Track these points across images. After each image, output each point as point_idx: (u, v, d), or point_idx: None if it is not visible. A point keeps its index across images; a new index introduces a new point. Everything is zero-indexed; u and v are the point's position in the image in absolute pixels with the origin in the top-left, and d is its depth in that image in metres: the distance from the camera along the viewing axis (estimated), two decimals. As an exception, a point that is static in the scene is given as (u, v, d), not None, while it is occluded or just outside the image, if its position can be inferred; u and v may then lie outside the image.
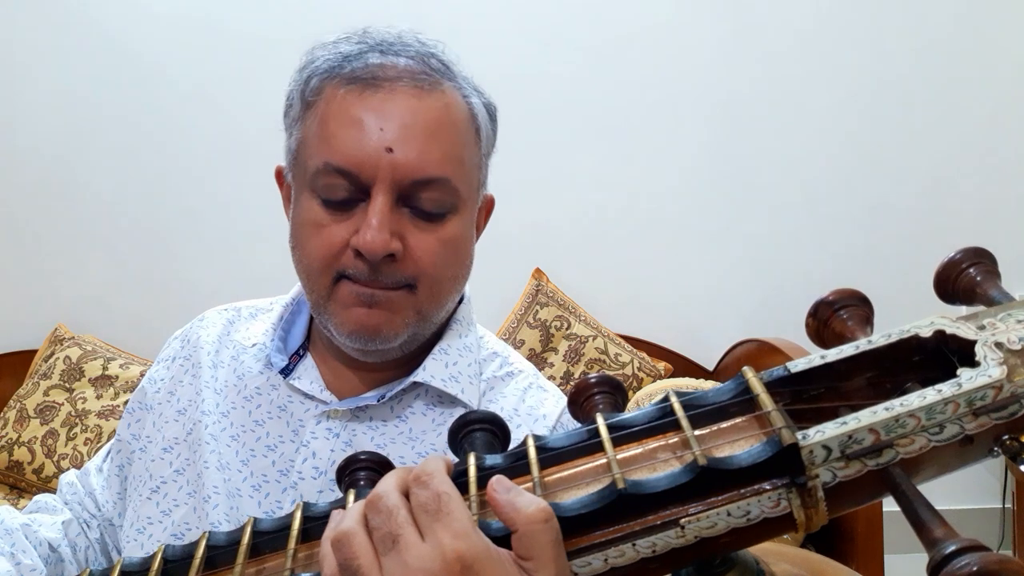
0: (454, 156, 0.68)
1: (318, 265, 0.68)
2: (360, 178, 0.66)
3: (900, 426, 0.32)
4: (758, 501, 0.33)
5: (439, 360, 0.75)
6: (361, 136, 0.65)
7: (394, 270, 0.67)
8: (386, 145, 0.65)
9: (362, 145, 0.65)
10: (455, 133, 0.68)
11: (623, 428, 0.37)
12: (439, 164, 0.66)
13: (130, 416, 0.82)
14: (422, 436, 0.73)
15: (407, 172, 0.65)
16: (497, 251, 2.29)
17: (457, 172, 0.68)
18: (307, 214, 0.69)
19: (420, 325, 0.71)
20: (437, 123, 0.67)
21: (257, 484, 0.72)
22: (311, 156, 0.68)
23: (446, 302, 0.73)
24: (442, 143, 0.67)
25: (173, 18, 2.23)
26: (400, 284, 0.68)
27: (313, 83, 0.70)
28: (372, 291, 0.67)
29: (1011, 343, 0.34)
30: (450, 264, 0.70)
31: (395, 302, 0.68)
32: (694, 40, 2.27)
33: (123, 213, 2.30)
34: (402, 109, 0.66)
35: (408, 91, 0.67)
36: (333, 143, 0.66)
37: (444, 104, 0.68)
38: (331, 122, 0.67)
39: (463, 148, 0.69)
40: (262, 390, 0.76)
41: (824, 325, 0.40)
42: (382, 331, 0.68)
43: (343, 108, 0.67)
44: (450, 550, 0.32)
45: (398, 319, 0.69)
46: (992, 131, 2.29)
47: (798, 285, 2.24)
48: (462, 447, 0.42)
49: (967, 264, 0.39)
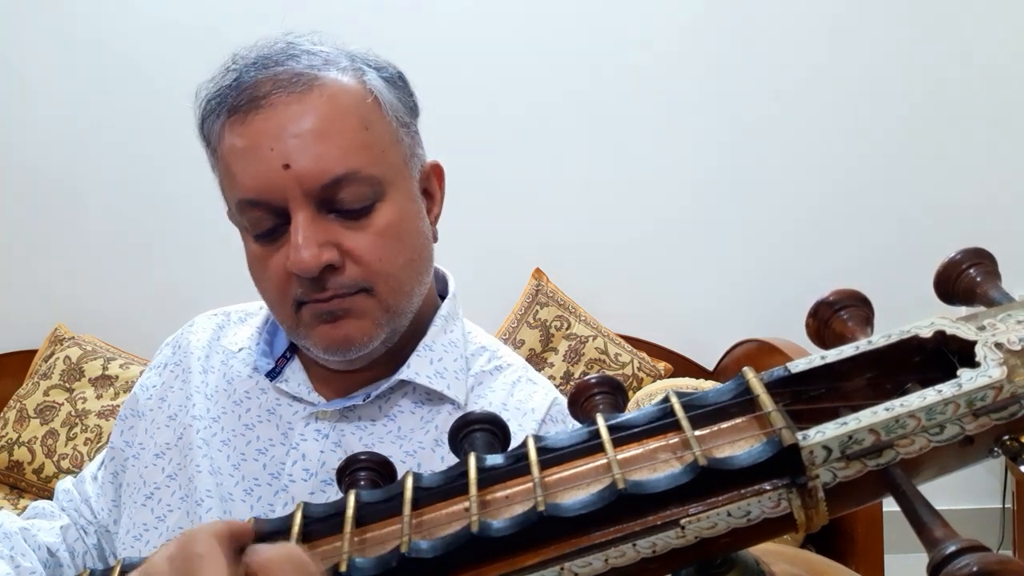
0: (354, 145, 0.66)
1: (275, 298, 0.69)
2: (273, 203, 0.65)
3: (900, 426, 0.32)
4: (758, 501, 0.33)
5: (424, 357, 0.75)
6: (257, 163, 0.64)
7: (340, 279, 0.66)
8: (282, 162, 0.63)
9: (261, 171, 0.64)
10: (347, 121, 0.66)
11: (623, 428, 0.37)
12: (340, 160, 0.65)
13: (123, 423, 0.83)
14: (410, 434, 0.73)
15: (311, 180, 0.64)
16: (497, 251, 2.31)
17: (365, 159, 0.66)
18: (250, 253, 0.70)
19: (393, 320, 0.70)
20: (323, 119, 0.65)
21: (249, 488, 0.72)
22: (230, 197, 0.69)
23: (411, 288, 0.71)
24: (335, 138, 0.65)
25: (174, 21, 2.24)
26: (354, 290, 0.67)
27: (206, 126, 0.70)
28: (329, 306, 0.67)
29: (1011, 343, 0.34)
30: (398, 252, 0.69)
31: (357, 308, 0.67)
32: (697, 42, 2.28)
33: (123, 213, 2.30)
34: (284, 120, 0.64)
35: (284, 99, 0.65)
36: (237, 179, 0.66)
37: (326, 97, 0.66)
38: (229, 158, 0.67)
39: (363, 132, 0.67)
40: (251, 394, 0.76)
41: (824, 325, 0.40)
42: (354, 339, 0.68)
43: (233, 141, 0.66)
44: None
45: (367, 323, 0.68)
46: (992, 131, 2.29)
47: (798, 285, 2.24)
48: (462, 447, 0.42)
49: (967, 265, 0.39)
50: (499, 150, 2.23)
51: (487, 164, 2.17)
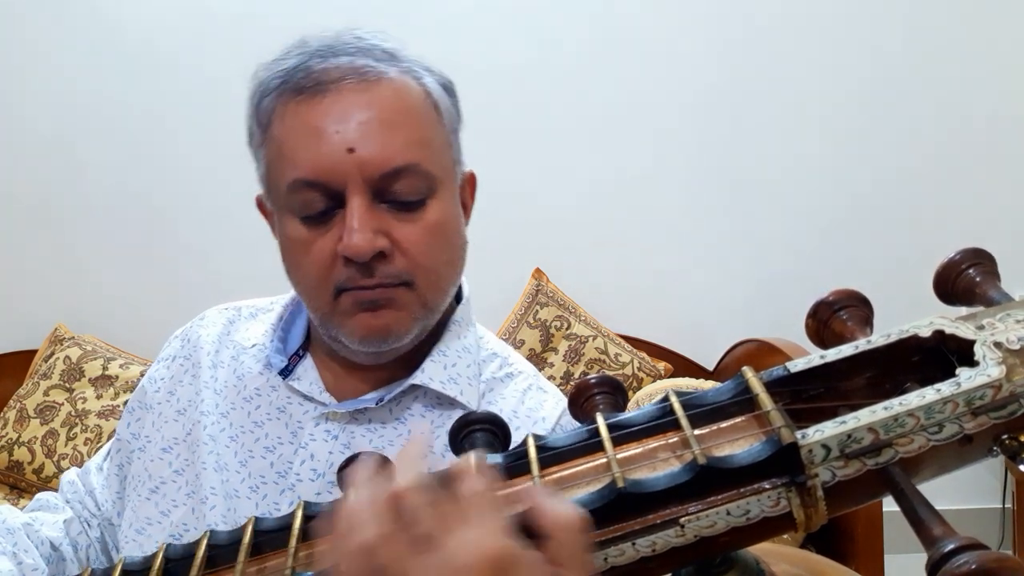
0: (417, 140, 0.67)
1: (315, 283, 0.68)
2: (331, 186, 0.65)
3: (899, 425, 0.32)
4: (758, 500, 0.33)
5: (438, 362, 0.75)
6: (320, 144, 0.65)
7: (387, 267, 0.66)
8: (347, 146, 0.64)
9: (323, 152, 0.64)
10: (413, 117, 0.67)
11: (623, 427, 0.37)
12: (403, 151, 0.66)
13: (130, 415, 0.82)
14: None
15: (374, 167, 0.65)
16: (497, 251, 2.30)
17: (424, 155, 0.67)
18: (291, 235, 0.68)
19: (428, 316, 0.71)
20: (392, 111, 0.66)
21: (255, 485, 0.72)
22: (280, 177, 0.68)
23: (447, 287, 0.73)
24: (402, 130, 0.66)
25: (175, 18, 2.24)
26: (397, 281, 0.67)
27: (264, 104, 0.69)
28: (372, 296, 0.67)
29: (1010, 343, 0.34)
30: (442, 249, 0.70)
31: (397, 300, 0.68)
32: (695, 39, 2.28)
33: (123, 213, 2.30)
34: (353, 106, 0.65)
35: (355, 87, 0.66)
36: (296, 158, 0.66)
37: (394, 91, 0.67)
38: (288, 138, 0.67)
39: (425, 130, 0.68)
40: (261, 391, 0.76)
41: (824, 325, 0.40)
42: (392, 330, 0.68)
43: (296, 121, 0.66)
44: (489, 548, 0.31)
45: (405, 315, 0.68)
46: (992, 131, 2.30)
47: (798, 285, 2.24)
48: (462, 447, 0.42)
49: (966, 265, 0.39)
50: (499, 150, 2.23)
51: (487, 164, 2.16)
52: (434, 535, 0.32)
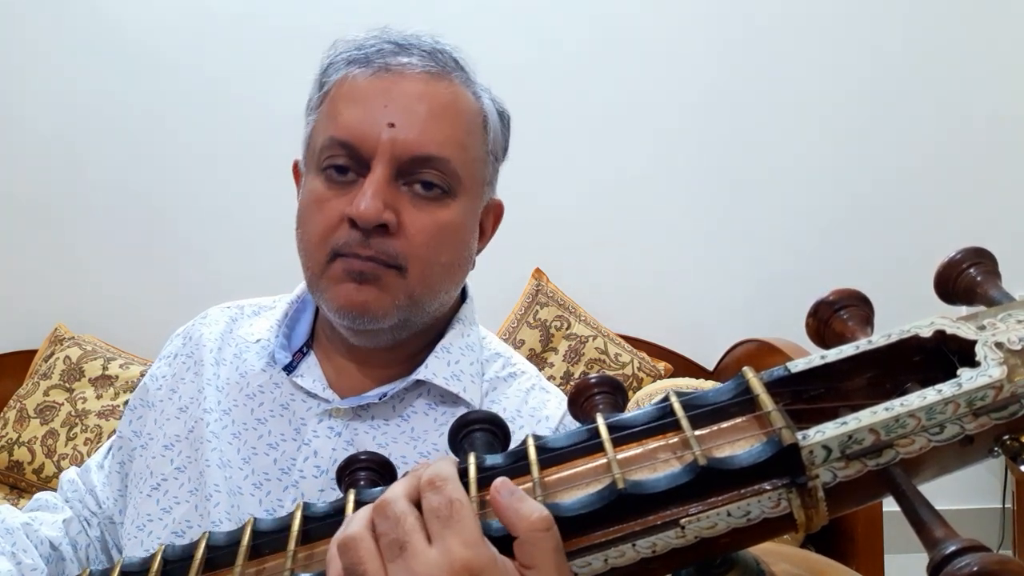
0: (456, 140, 0.69)
1: (316, 240, 0.69)
2: (360, 151, 0.67)
3: (900, 426, 0.32)
4: (758, 501, 0.33)
5: (441, 358, 0.75)
6: (365, 110, 0.67)
7: (385, 243, 0.67)
8: (388, 120, 0.66)
9: (364, 118, 0.67)
10: (460, 118, 0.70)
11: (623, 428, 0.37)
12: (440, 144, 0.67)
13: (132, 413, 0.82)
14: (424, 435, 0.73)
15: (407, 147, 0.66)
16: (497, 251, 2.29)
17: (458, 156, 0.69)
18: (312, 193, 0.70)
19: (411, 310, 0.70)
20: (442, 107, 0.68)
21: (258, 482, 0.72)
22: (319, 134, 0.70)
23: (438, 289, 0.72)
24: (445, 125, 0.68)
25: (175, 18, 2.23)
26: (390, 262, 0.68)
27: (330, 71, 0.72)
28: (361, 267, 0.67)
29: (1011, 343, 0.34)
30: (443, 248, 0.70)
31: (384, 281, 0.68)
32: (692, 39, 2.27)
33: (123, 213, 2.30)
34: (408, 91, 0.68)
35: (417, 76, 0.68)
36: (338, 119, 0.68)
37: (451, 92, 0.70)
38: (339, 101, 0.69)
39: (467, 135, 0.70)
40: (264, 388, 0.76)
41: (824, 325, 0.40)
42: (370, 308, 0.68)
43: (351, 88, 0.69)
44: (458, 559, 0.32)
45: (387, 298, 0.68)
46: (992, 131, 2.29)
47: (798, 285, 2.24)
48: (462, 447, 0.42)
49: (967, 264, 0.39)
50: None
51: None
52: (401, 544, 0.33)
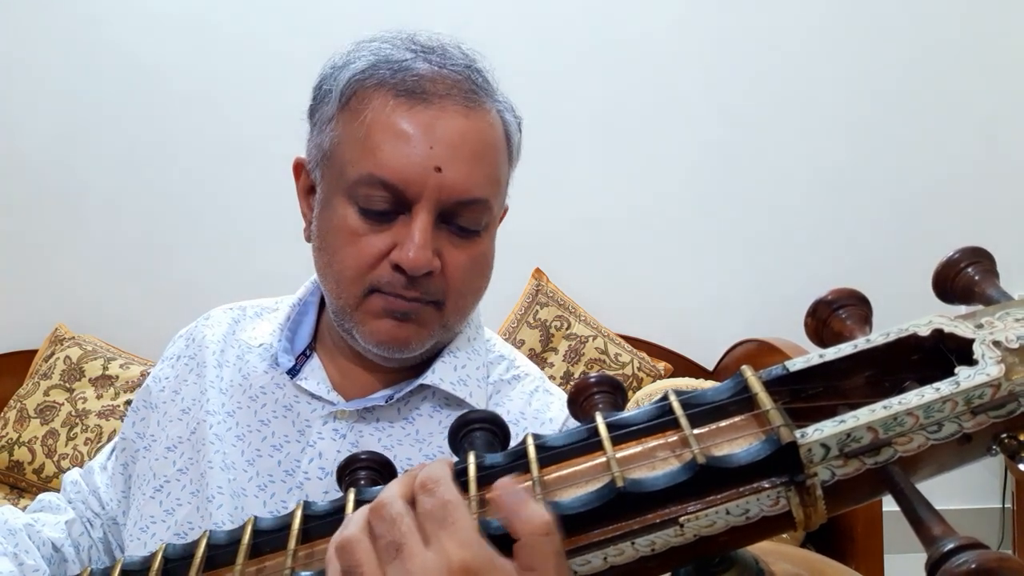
0: (495, 178, 0.70)
1: (351, 274, 0.68)
2: (406, 194, 0.66)
3: (898, 424, 0.32)
4: (757, 499, 0.33)
5: (448, 363, 0.75)
6: (410, 152, 0.65)
7: (429, 285, 0.68)
8: (435, 164, 0.65)
9: (411, 161, 0.65)
10: (496, 155, 0.70)
11: (622, 427, 0.37)
12: (483, 186, 0.68)
13: (135, 415, 0.82)
14: (429, 438, 0.73)
15: (453, 193, 0.66)
16: (497, 251, 2.30)
17: (494, 192, 0.70)
18: (342, 221, 0.68)
19: (442, 336, 0.73)
20: (483, 145, 0.68)
21: (263, 484, 0.72)
22: (352, 163, 0.67)
23: (468, 313, 0.75)
24: (486, 166, 0.69)
25: (174, 18, 2.23)
26: (431, 299, 0.69)
27: (355, 84, 0.69)
28: (406, 307, 0.68)
29: (1009, 342, 0.34)
30: (476, 279, 0.73)
31: (423, 317, 0.70)
32: (695, 42, 2.27)
33: (123, 213, 2.30)
34: (451, 129, 0.66)
35: (457, 109, 0.67)
36: (379, 155, 0.65)
37: (489, 124, 0.70)
38: (377, 132, 0.66)
39: (501, 168, 0.71)
40: (267, 390, 0.76)
41: (823, 324, 0.40)
42: (411, 344, 0.70)
43: (392, 120, 0.66)
44: (455, 559, 0.32)
45: (424, 332, 0.70)
46: (992, 131, 2.29)
47: (798, 285, 2.24)
48: (462, 447, 0.42)
49: (965, 263, 0.39)
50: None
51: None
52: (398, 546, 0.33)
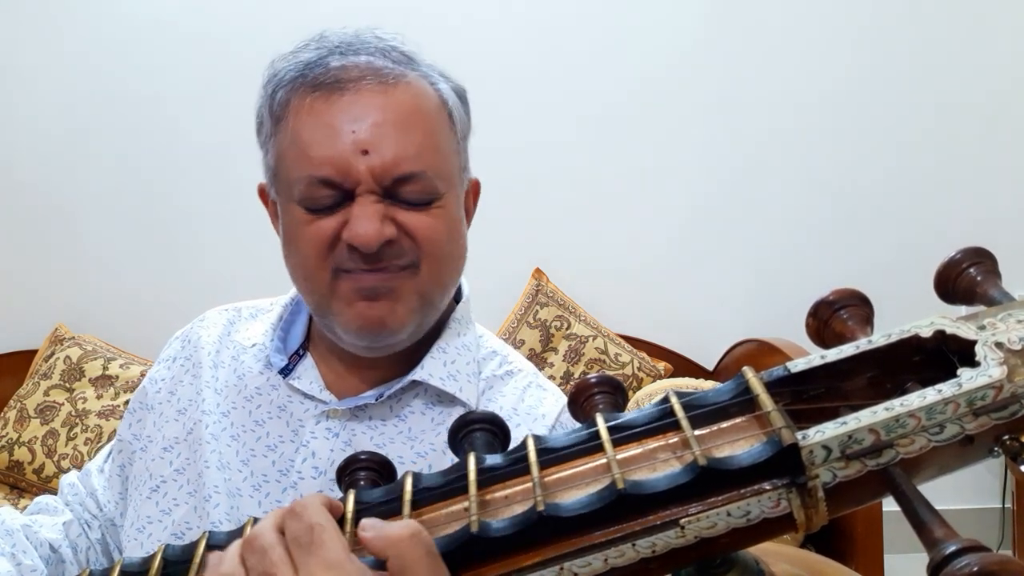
0: (429, 147, 0.68)
1: (313, 262, 0.68)
2: (344, 185, 0.66)
3: (900, 426, 0.32)
4: (758, 501, 0.33)
5: (437, 359, 0.75)
6: (336, 142, 0.65)
7: (396, 252, 0.67)
8: (361, 148, 0.65)
9: (338, 152, 0.65)
10: (427, 123, 0.68)
11: (623, 428, 0.37)
12: (415, 158, 0.67)
13: (131, 416, 0.83)
14: (421, 435, 0.73)
15: (385, 171, 0.66)
16: (497, 251, 2.30)
17: (434, 162, 0.68)
18: (294, 220, 0.69)
19: (424, 311, 0.71)
20: (407, 116, 0.67)
21: (257, 484, 0.72)
22: (291, 170, 0.68)
23: (447, 283, 0.73)
24: (415, 136, 0.67)
25: (173, 19, 2.23)
26: (404, 264, 0.68)
27: (279, 96, 0.70)
28: (373, 282, 0.67)
29: (1011, 343, 0.34)
30: (447, 244, 0.71)
31: (397, 289, 0.68)
32: (695, 39, 2.28)
33: (123, 213, 2.30)
34: (370, 107, 0.66)
35: (373, 88, 0.67)
36: (311, 155, 0.66)
37: (412, 95, 0.68)
38: (303, 133, 0.67)
39: (436, 136, 0.69)
40: (262, 390, 0.76)
41: (824, 325, 0.40)
42: (387, 323, 0.68)
43: (312, 116, 0.67)
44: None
45: (401, 307, 0.69)
46: (992, 131, 2.29)
47: (798, 285, 2.24)
48: (462, 447, 0.42)
49: (967, 264, 0.39)
50: (499, 150, 2.22)
51: (487, 164, 2.16)
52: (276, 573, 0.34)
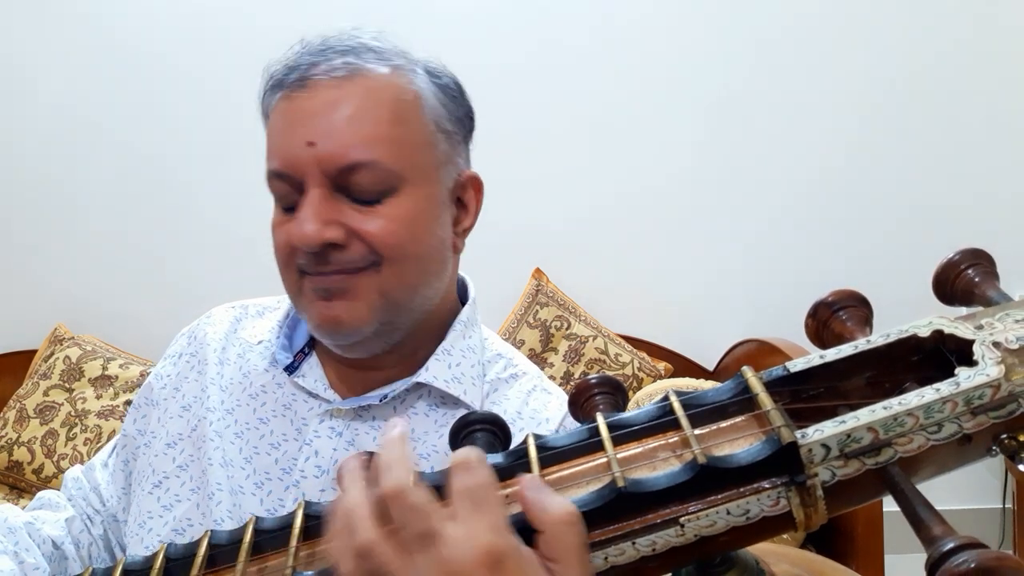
0: (380, 136, 0.67)
1: (282, 265, 0.71)
2: (294, 178, 0.68)
3: (898, 425, 0.32)
4: (757, 500, 0.33)
5: (442, 361, 0.75)
6: (289, 137, 0.67)
7: (343, 255, 0.67)
8: (308, 140, 0.66)
9: (290, 145, 0.67)
10: (378, 112, 0.67)
11: (623, 427, 0.37)
12: (363, 147, 0.66)
13: (136, 412, 0.83)
14: (424, 437, 0.73)
15: (330, 162, 0.66)
16: (497, 251, 2.30)
17: (386, 152, 0.67)
18: (273, 221, 0.72)
19: (389, 311, 0.69)
20: (357, 108, 0.67)
21: (260, 481, 0.73)
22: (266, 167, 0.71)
23: (414, 285, 0.71)
24: (363, 126, 0.66)
25: (173, 18, 2.23)
26: (358, 266, 0.67)
27: (265, 98, 0.73)
28: (327, 284, 0.68)
29: (1008, 343, 0.34)
30: (404, 241, 0.68)
31: (354, 288, 0.68)
32: (692, 37, 2.28)
33: (123, 213, 2.30)
34: (322, 103, 0.67)
35: (328, 83, 0.67)
36: (271, 150, 0.69)
37: (366, 88, 0.68)
38: (272, 131, 0.71)
39: (391, 127, 0.68)
40: (267, 388, 0.77)
41: (823, 325, 0.40)
42: (344, 321, 0.68)
43: (278, 115, 0.70)
44: (485, 543, 0.32)
45: (360, 305, 0.68)
46: (992, 131, 2.30)
47: (798, 285, 2.24)
48: (462, 447, 0.42)
49: (965, 265, 0.39)
50: (499, 150, 2.22)
51: (487, 163, 2.16)
52: (428, 534, 0.33)
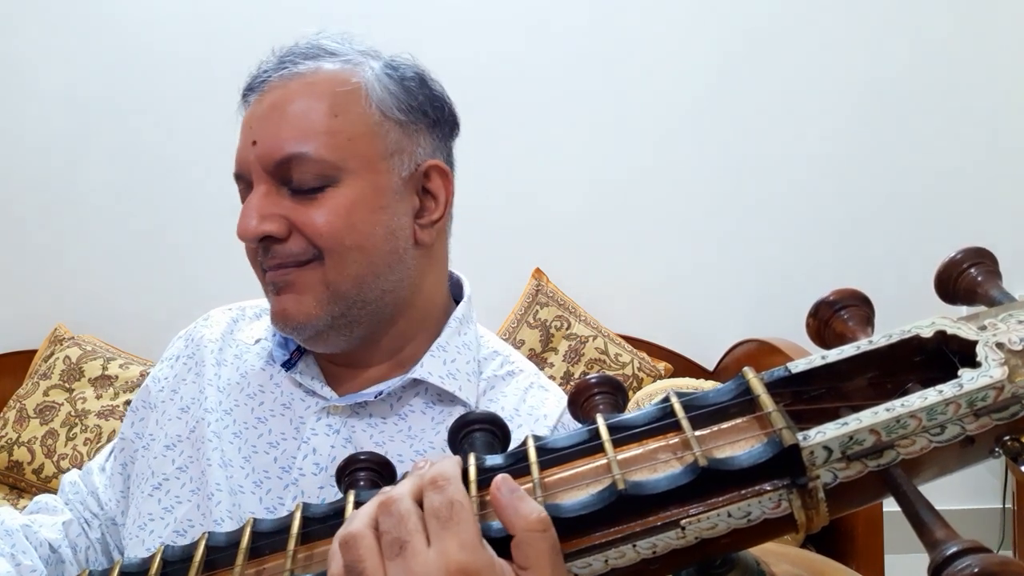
0: (313, 129, 0.68)
1: (250, 258, 0.74)
2: (246, 177, 0.71)
3: (901, 427, 0.32)
4: (759, 502, 0.32)
5: (437, 357, 0.75)
6: (242, 141, 0.71)
7: (284, 248, 0.69)
8: (252, 139, 0.70)
9: (241, 148, 0.71)
10: (313, 105, 0.69)
11: (623, 429, 0.37)
12: (296, 140, 0.68)
13: (134, 414, 0.83)
14: (421, 434, 0.73)
15: (266, 157, 0.69)
16: (497, 251, 2.31)
17: (321, 144, 0.68)
18: None
19: (338, 303, 0.70)
20: (295, 104, 0.69)
21: (259, 480, 0.73)
22: None
23: (359, 277, 0.70)
24: (295, 120, 0.69)
25: (175, 16, 2.23)
26: (302, 257, 0.69)
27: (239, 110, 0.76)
28: (273, 277, 0.71)
29: (1012, 343, 0.34)
30: (344, 233, 0.68)
31: (300, 282, 0.70)
32: (692, 36, 2.28)
33: (123, 213, 2.30)
34: (268, 104, 0.70)
35: (278, 84, 0.71)
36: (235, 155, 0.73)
37: (304, 83, 0.70)
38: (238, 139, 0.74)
39: (327, 118, 0.69)
40: (265, 388, 0.77)
41: (825, 325, 0.40)
42: (291, 315, 0.70)
43: (241, 124, 0.73)
44: (454, 561, 0.32)
45: (306, 298, 0.70)
46: (992, 130, 2.29)
47: (798, 285, 2.24)
48: (462, 447, 0.42)
49: (968, 264, 0.39)
50: (499, 149, 2.23)
51: (487, 163, 2.17)
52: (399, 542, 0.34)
